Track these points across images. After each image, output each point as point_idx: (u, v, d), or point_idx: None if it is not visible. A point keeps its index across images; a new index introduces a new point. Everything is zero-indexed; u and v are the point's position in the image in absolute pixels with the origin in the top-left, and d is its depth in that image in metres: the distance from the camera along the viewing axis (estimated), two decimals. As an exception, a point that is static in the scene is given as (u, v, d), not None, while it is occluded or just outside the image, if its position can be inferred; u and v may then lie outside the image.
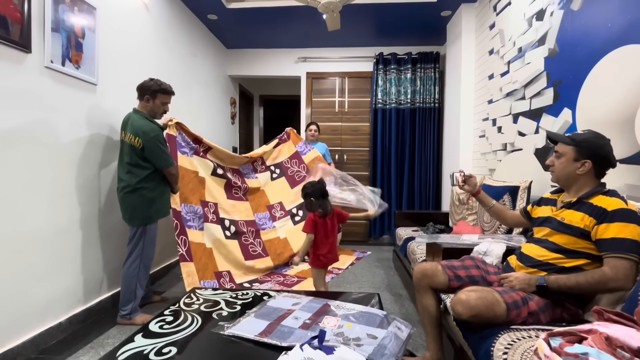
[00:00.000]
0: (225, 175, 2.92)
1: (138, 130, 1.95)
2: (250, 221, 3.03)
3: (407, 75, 4.11)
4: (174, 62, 3.12)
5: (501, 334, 1.08)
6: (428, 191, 4.10)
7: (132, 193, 1.99)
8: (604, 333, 0.76)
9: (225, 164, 2.99)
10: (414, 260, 2.25)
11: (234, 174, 3.05)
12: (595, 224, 1.17)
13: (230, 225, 2.84)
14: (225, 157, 2.98)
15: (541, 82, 2.13)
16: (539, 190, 2.02)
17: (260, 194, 3.27)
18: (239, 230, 2.88)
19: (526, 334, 1.07)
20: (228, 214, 2.86)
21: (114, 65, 2.29)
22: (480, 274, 1.45)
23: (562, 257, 1.24)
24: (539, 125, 2.16)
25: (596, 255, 1.18)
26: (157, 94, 2.06)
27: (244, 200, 3.08)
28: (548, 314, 1.21)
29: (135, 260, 2.02)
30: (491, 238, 1.83)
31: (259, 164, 3.37)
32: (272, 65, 4.43)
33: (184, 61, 3.32)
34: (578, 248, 1.21)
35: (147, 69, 2.63)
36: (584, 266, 1.20)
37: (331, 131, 4.36)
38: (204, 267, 2.46)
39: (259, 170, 3.36)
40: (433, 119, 4.05)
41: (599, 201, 1.20)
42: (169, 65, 3.02)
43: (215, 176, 2.83)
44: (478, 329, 1.16)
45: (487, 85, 2.93)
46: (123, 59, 2.40)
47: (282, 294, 1.50)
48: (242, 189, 3.07)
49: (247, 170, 3.26)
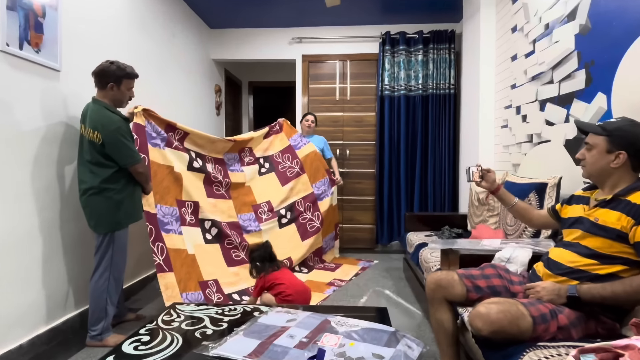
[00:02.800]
0: (204, 168, 2.91)
1: (97, 123, 1.95)
2: (233, 223, 3.04)
3: (418, 58, 4.11)
4: (149, 44, 3.11)
5: (527, 352, 1.08)
6: (443, 190, 4.11)
7: (97, 196, 1.99)
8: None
9: (205, 151, 2.98)
10: (427, 270, 2.25)
11: (216, 166, 3.04)
12: (633, 225, 1.17)
13: (212, 227, 2.84)
14: (205, 143, 2.96)
15: (571, 63, 2.14)
16: (569, 188, 2.02)
17: (245, 192, 3.27)
18: (222, 232, 2.88)
19: (555, 352, 1.08)
20: (209, 214, 2.86)
21: (80, 48, 2.29)
22: (503, 284, 1.46)
23: (596, 263, 1.24)
24: (569, 113, 2.16)
25: (635, 260, 1.19)
26: (121, 80, 2.05)
27: (226, 199, 3.08)
28: (580, 329, 1.21)
29: (104, 273, 2.02)
30: (515, 243, 1.83)
31: (246, 154, 3.36)
32: (262, 48, 4.43)
33: (162, 43, 3.32)
34: (614, 252, 1.22)
35: (117, 51, 2.62)
36: (621, 273, 1.21)
37: (331, 122, 4.37)
38: (186, 276, 2.46)
39: (247, 162, 3.35)
40: (448, 107, 4.05)
41: (638, 198, 1.20)
42: (143, 48, 3.02)
43: (192, 170, 2.82)
44: (500, 346, 1.16)
45: (510, 67, 2.94)
46: (91, 40, 2.39)
47: (275, 308, 1.51)
48: (223, 184, 3.06)
49: (232, 161, 3.25)
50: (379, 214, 4.25)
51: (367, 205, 4.37)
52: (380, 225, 4.26)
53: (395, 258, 3.96)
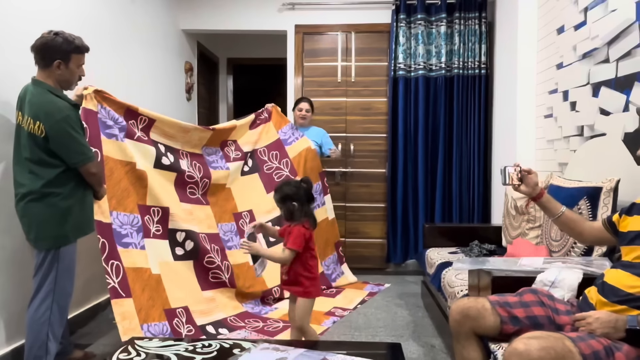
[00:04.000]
0: (176, 165, 2.91)
1: (39, 111, 1.94)
2: (213, 235, 3.04)
3: (441, 29, 4.14)
4: (102, 10, 3.11)
5: (575, 400, 1.09)
6: (471, 196, 4.14)
7: (38, 202, 1.98)
8: None
9: (178, 144, 2.98)
10: (451, 296, 2.26)
11: (192, 162, 3.04)
12: None
13: (186, 240, 2.83)
14: (177, 133, 2.97)
15: (632, 37, 2.15)
16: (630, 194, 2.04)
17: (225, 196, 3.27)
18: (199, 247, 2.87)
19: (611, 399, 1.09)
20: (183, 223, 2.85)
21: (13, 16, 2.28)
22: (546, 314, 1.47)
23: (663, 288, 1.25)
24: (629, 100, 2.18)
25: None
26: (70, 56, 2.04)
27: (203, 204, 3.09)
28: (642, 370, 1.22)
29: (45, 299, 2.01)
30: (562, 262, 1.84)
31: (231, 149, 3.36)
32: (245, 16, 4.44)
33: (117, 9, 3.32)
34: (684, 275, 1.23)
35: (61, 20, 2.62)
36: (693, 301, 1.22)
37: (331, 110, 4.39)
38: (148, 303, 2.46)
39: (233, 158, 3.35)
40: (478, 92, 4.08)
41: None
42: (94, 15, 3.02)
43: (161, 168, 2.82)
44: (543, 392, 1.17)
45: (555, 42, 2.96)
46: (27, 6, 2.39)
47: (260, 345, 1.51)
48: (200, 185, 3.06)
49: (214, 158, 3.25)
50: (391, 226, 4.27)
51: (376, 214, 4.39)
52: (392, 240, 4.27)
53: (412, 281, 3.97)
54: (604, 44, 2.38)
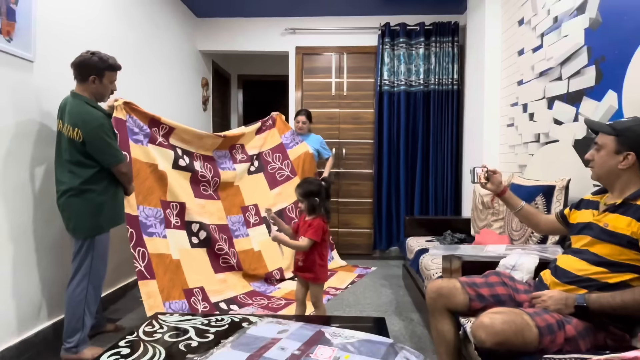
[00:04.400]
0: (191, 166, 2.90)
1: (77, 119, 1.93)
2: (222, 226, 3.04)
3: (420, 51, 4.14)
4: (130, 34, 3.10)
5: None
6: (445, 193, 4.14)
7: (76, 197, 1.98)
8: (653, 361, 0.78)
9: (193, 148, 2.97)
10: (427, 277, 2.27)
11: (205, 164, 3.03)
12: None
13: (200, 231, 2.84)
14: (193, 139, 2.95)
15: (581, 58, 2.17)
16: (579, 191, 2.05)
17: (234, 192, 3.26)
18: (211, 236, 2.87)
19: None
20: (196, 215, 2.85)
21: (55, 38, 2.28)
22: (508, 293, 1.48)
23: (606, 271, 1.26)
24: (579, 112, 2.19)
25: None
26: (104, 73, 2.04)
27: (215, 199, 3.08)
28: (589, 340, 1.23)
29: (82, 280, 2.01)
30: (521, 249, 1.85)
31: (238, 152, 3.35)
32: (253, 38, 4.43)
33: (143, 32, 3.31)
34: (624, 260, 1.24)
35: (96, 41, 2.61)
36: (632, 282, 1.23)
37: (327, 119, 4.38)
38: (169, 284, 2.46)
39: (239, 160, 3.33)
40: (451, 104, 4.09)
41: (649, 203, 1.22)
42: (124, 37, 3.01)
43: (178, 169, 2.81)
44: (505, 358, 1.18)
45: (517, 62, 2.97)
46: (67, 30, 2.38)
47: (265, 319, 1.51)
48: (211, 183, 3.06)
49: (224, 159, 3.23)
50: (377, 218, 4.27)
51: (364, 208, 4.39)
52: (378, 230, 4.28)
53: (394, 265, 3.98)
54: (558, 64, 2.39)
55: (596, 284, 1.27)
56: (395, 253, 4.30)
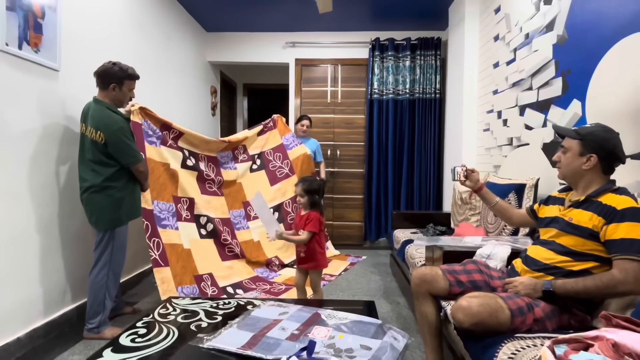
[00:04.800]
0: (197, 166, 2.88)
1: (99, 123, 1.92)
2: (225, 219, 3.03)
3: (406, 63, 4.14)
4: (146, 46, 3.08)
5: (505, 343, 1.10)
6: (428, 190, 4.15)
7: (98, 193, 1.97)
8: (611, 339, 0.79)
9: (199, 150, 2.95)
10: (412, 265, 2.27)
11: (209, 164, 3.02)
12: (604, 224, 1.20)
13: (207, 223, 2.83)
14: (200, 143, 2.93)
15: (549, 71, 2.18)
16: (546, 189, 2.06)
17: (236, 188, 3.25)
18: (217, 228, 2.87)
19: (531, 342, 1.10)
20: (203, 210, 2.84)
21: (78, 49, 2.26)
22: (483, 279, 1.48)
23: (570, 260, 1.27)
24: (547, 118, 2.20)
25: (605, 257, 1.22)
26: (123, 81, 2.03)
27: (218, 195, 3.06)
28: (555, 321, 1.24)
29: (103, 268, 2.00)
30: (495, 240, 1.86)
31: (240, 152, 3.32)
32: (257, 51, 4.41)
33: (158, 45, 3.28)
34: (586, 250, 1.25)
35: (115, 53, 2.59)
36: (593, 269, 1.24)
37: (323, 124, 4.37)
38: (182, 271, 2.45)
39: (240, 160, 3.30)
40: (434, 111, 4.09)
41: (608, 199, 1.23)
42: (140, 49, 2.99)
43: (186, 168, 2.79)
44: (480, 337, 1.18)
45: (492, 74, 2.98)
46: (89, 42, 2.36)
47: (267, 302, 1.51)
48: (215, 182, 3.04)
49: (226, 159, 3.21)
50: (367, 212, 4.28)
51: (356, 203, 4.39)
52: (368, 223, 4.28)
53: (383, 254, 3.99)
54: (529, 76, 2.40)
55: (562, 271, 1.28)
56: (383, 243, 4.31)
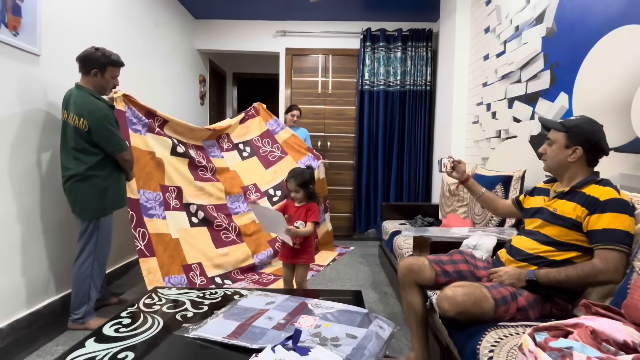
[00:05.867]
0: (187, 153, 2.84)
1: (83, 110, 1.87)
2: (220, 205, 2.99)
3: (397, 54, 4.12)
4: (132, 32, 3.00)
5: (488, 332, 1.12)
6: (417, 181, 4.17)
7: (82, 182, 1.92)
8: (590, 327, 0.81)
9: (185, 138, 2.91)
10: (400, 256, 2.29)
11: (197, 152, 2.98)
12: (587, 215, 1.22)
13: (198, 211, 2.80)
14: (185, 131, 2.90)
15: (538, 64, 2.19)
16: (533, 180, 2.09)
17: (232, 175, 3.22)
18: (209, 215, 2.83)
19: (514, 331, 1.12)
20: (195, 198, 2.80)
21: (61, 34, 2.18)
22: (469, 269, 1.50)
23: (553, 250, 1.29)
24: (535, 111, 2.22)
25: (587, 247, 1.24)
26: (106, 67, 1.97)
27: (214, 181, 3.02)
28: (537, 310, 1.26)
29: (87, 258, 1.97)
30: (482, 231, 1.88)
31: (224, 141, 3.30)
32: (247, 39, 4.34)
33: (145, 31, 3.20)
34: (569, 240, 1.27)
35: (100, 38, 2.51)
36: (575, 259, 1.26)
37: (313, 115, 4.34)
38: (169, 261, 2.43)
39: (225, 149, 3.29)
40: (424, 103, 4.09)
41: (592, 191, 1.25)
42: (126, 35, 2.91)
43: (176, 155, 2.75)
44: (465, 326, 1.20)
45: (482, 66, 2.98)
46: (72, 27, 2.28)
47: (254, 292, 1.51)
48: (208, 168, 3.01)
49: (212, 148, 3.18)
50: (357, 203, 4.29)
51: (346, 195, 4.39)
52: (357, 214, 4.29)
53: (371, 245, 4.01)
54: (518, 69, 2.41)
55: (545, 261, 1.30)
56: (372, 235, 4.33)
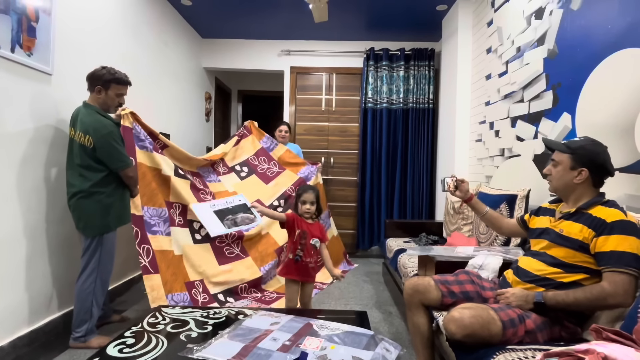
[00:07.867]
0: (188, 176, 2.86)
1: (88, 127, 1.90)
2: None
3: (400, 73, 4.18)
4: (141, 51, 3.07)
5: (497, 355, 1.10)
6: (421, 199, 4.17)
7: (86, 199, 1.94)
8: (602, 353, 0.79)
9: (182, 165, 2.92)
10: (405, 275, 2.27)
11: (195, 178, 2.98)
12: (594, 236, 1.22)
13: (200, 229, 2.79)
14: (182, 159, 2.90)
15: (540, 84, 2.21)
16: (537, 199, 2.08)
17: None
18: None
19: (522, 355, 1.10)
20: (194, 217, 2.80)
21: (72, 53, 2.24)
22: (475, 290, 1.48)
23: (561, 271, 1.28)
24: (538, 130, 2.23)
25: (595, 269, 1.23)
26: (110, 84, 2.01)
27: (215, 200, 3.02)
28: (546, 333, 1.24)
29: (90, 275, 1.96)
30: (487, 250, 1.87)
31: (219, 166, 3.30)
32: (252, 58, 4.42)
33: (153, 51, 3.28)
34: (577, 262, 1.26)
35: (110, 58, 2.58)
36: (583, 281, 1.25)
37: (317, 131, 4.38)
38: (172, 278, 2.41)
39: (222, 172, 3.28)
40: (427, 121, 4.13)
41: (598, 212, 1.25)
42: (135, 55, 2.98)
43: (179, 177, 2.76)
44: (472, 349, 1.18)
45: (485, 85, 3.02)
46: (83, 46, 2.34)
47: (259, 312, 1.49)
48: (207, 192, 3.02)
49: (208, 173, 3.18)
50: (360, 220, 4.27)
51: (349, 211, 4.39)
52: (361, 231, 4.27)
53: (375, 262, 3.98)
54: (520, 88, 2.44)
55: (552, 282, 1.28)
56: (376, 252, 4.31)
